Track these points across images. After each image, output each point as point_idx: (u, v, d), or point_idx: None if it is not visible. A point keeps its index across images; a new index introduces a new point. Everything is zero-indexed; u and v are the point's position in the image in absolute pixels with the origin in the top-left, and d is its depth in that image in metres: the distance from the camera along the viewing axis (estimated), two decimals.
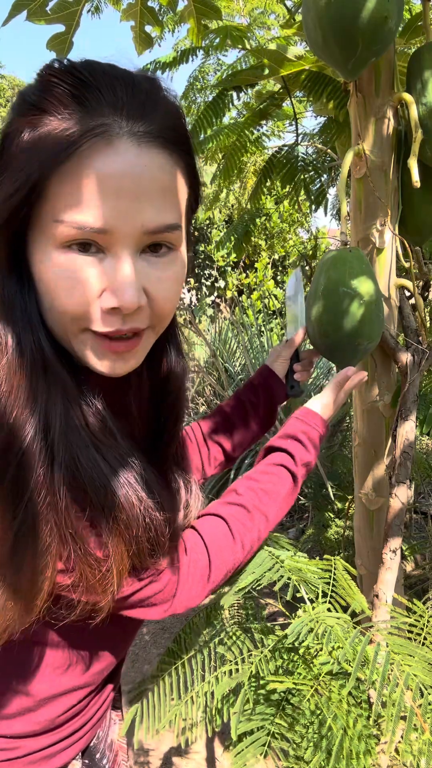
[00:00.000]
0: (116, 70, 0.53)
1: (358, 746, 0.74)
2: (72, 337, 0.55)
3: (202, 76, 2.54)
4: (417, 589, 2.12)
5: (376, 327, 0.99)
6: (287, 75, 1.55)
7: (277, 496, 0.78)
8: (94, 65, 0.52)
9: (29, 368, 0.53)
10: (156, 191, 0.52)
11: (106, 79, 0.51)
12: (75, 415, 0.55)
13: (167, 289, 0.56)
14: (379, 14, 0.86)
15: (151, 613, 0.66)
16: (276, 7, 2.42)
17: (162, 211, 0.53)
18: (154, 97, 0.53)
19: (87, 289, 0.52)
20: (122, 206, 0.50)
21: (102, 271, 0.52)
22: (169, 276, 0.56)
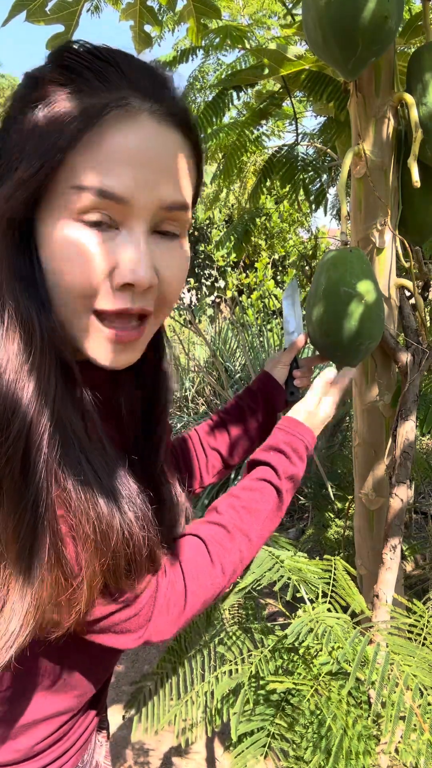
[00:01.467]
0: (130, 55, 0.54)
1: (357, 746, 0.74)
2: (76, 320, 0.54)
3: (202, 76, 2.54)
4: (417, 589, 2.12)
5: (376, 327, 0.99)
6: (287, 75, 1.55)
7: (259, 514, 0.72)
8: (112, 49, 0.53)
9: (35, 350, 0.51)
10: (174, 169, 0.53)
11: (126, 61, 0.52)
12: (69, 411, 0.53)
13: (175, 272, 0.56)
14: (379, 14, 0.86)
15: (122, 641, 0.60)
16: (276, 7, 2.42)
17: (178, 188, 0.54)
18: (170, 83, 0.55)
19: (98, 263, 0.51)
20: (143, 177, 0.51)
21: (114, 247, 0.52)
22: (176, 260, 0.57)
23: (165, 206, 0.53)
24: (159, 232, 0.55)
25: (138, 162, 0.50)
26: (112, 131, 0.50)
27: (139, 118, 0.51)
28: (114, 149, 0.50)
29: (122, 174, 0.50)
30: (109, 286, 0.52)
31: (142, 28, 1.25)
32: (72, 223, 0.51)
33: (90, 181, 0.49)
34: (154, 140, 0.51)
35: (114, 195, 0.50)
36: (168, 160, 0.53)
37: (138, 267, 0.52)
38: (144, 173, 0.51)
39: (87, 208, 0.50)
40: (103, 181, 0.49)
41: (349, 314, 0.94)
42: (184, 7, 1.25)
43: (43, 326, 0.51)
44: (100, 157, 0.49)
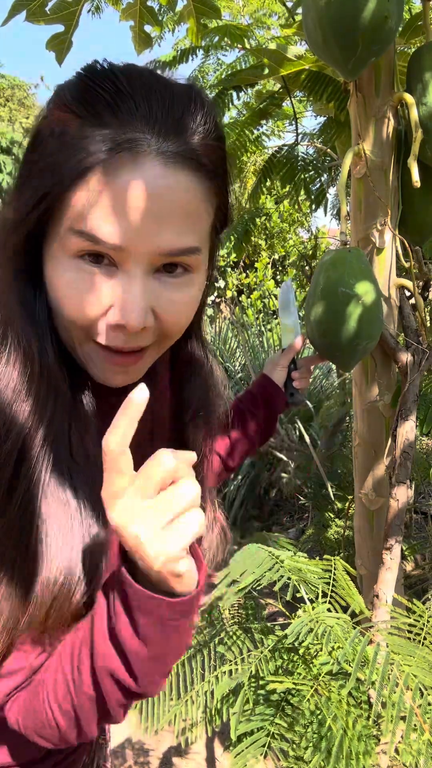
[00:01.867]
0: (156, 81, 0.51)
1: (357, 746, 0.74)
2: (77, 345, 0.55)
3: (202, 76, 2.54)
4: (417, 589, 2.12)
5: (375, 327, 0.99)
6: (287, 75, 1.55)
7: None
8: (133, 72, 0.51)
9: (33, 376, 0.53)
10: (177, 214, 0.51)
11: (144, 90, 0.50)
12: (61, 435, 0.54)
13: (177, 311, 0.55)
14: (379, 14, 0.86)
15: None
16: (276, 7, 2.42)
17: (181, 234, 0.51)
18: (191, 115, 0.51)
19: (95, 302, 0.51)
20: (140, 226, 0.49)
21: (112, 285, 0.51)
22: (181, 298, 0.55)
23: (164, 253, 0.51)
24: (166, 268, 0.53)
25: (135, 210, 0.49)
26: (116, 175, 0.48)
27: (143, 162, 0.49)
28: (114, 194, 0.48)
29: (118, 222, 0.49)
30: (105, 324, 0.53)
31: (142, 29, 1.25)
32: (72, 261, 0.51)
33: (83, 227, 0.49)
34: (157, 185, 0.49)
35: (108, 244, 0.49)
36: (170, 206, 0.50)
37: (130, 312, 0.51)
38: (141, 222, 0.49)
39: (84, 250, 0.50)
40: (95, 231, 0.49)
41: (347, 314, 0.94)
42: (184, 7, 1.25)
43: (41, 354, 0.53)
44: (96, 201, 0.48)
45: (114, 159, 0.48)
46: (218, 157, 0.54)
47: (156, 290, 0.53)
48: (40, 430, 0.52)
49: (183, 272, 0.54)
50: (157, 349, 0.58)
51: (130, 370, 0.57)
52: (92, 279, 0.51)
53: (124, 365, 0.56)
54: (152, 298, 0.53)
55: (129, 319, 0.51)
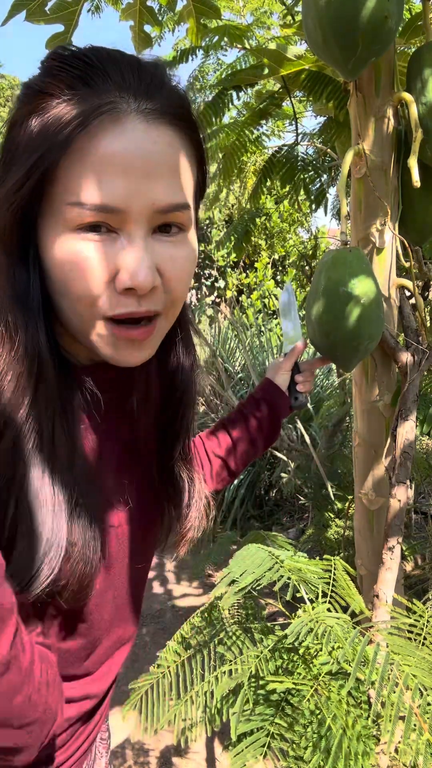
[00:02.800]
0: (122, 54, 0.53)
1: (357, 746, 0.74)
2: (89, 327, 0.55)
3: (202, 76, 2.54)
4: (417, 589, 2.12)
5: (376, 327, 0.99)
6: (287, 74, 1.55)
7: None
8: (99, 49, 0.53)
9: (25, 364, 0.53)
10: (165, 169, 0.52)
11: (112, 61, 0.51)
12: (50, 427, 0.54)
13: (180, 268, 0.56)
14: (379, 14, 0.86)
15: None
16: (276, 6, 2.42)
17: (172, 189, 0.53)
18: (160, 78, 0.54)
19: (100, 271, 0.52)
20: (132, 184, 0.50)
21: (114, 251, 0.52)
22: (180, 255, 0.56)
23: (160, 210, 0.52)
24: (162, 229, 0.55)
25: (125, 170, 0.50)
26: (100, 139, 0.49)
27: (126, 121, 0.50)
28: (102, 158, 0.49)
29: (113, 185, 0.49)
30: (114, 292, 0.53)
31: (141, 28, 1.25)
32: (71, 235, 0.51)
33: (78, 197, 0.49)
34: (142, 142, 0.50)
35: (107, 207, 0.50)
36: (158, 160, 0.51)
37: (137, 271, 0.51)
38: (133, 181, 0.50)
39: (82, 221, 0.51)
40: (96, 195, 0.49)
41: (348, 314, 0.94)
42: (183, 7, 1.25)
43: (30, 338, 0.53)
44: (86, 169, 0.49)
45: (96, 123, 0.49)
46: (189, 113, 0.56)
47: (157, 249, 0.54)
48: (20, 415, 0.52)
49: (178, 231, 0.55)
50: (165, 320, 0.59)
51: (144, 345, 0.57)
52: (94, 248, 0.51)
53: (138, 338, 0.56)
54: (155, 257, 0.53)
55: (138, 278, 0.51)
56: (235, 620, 1.17)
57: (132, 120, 0.50)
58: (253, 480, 3.50)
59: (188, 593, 2.92)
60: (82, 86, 0.50)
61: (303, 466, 2.86)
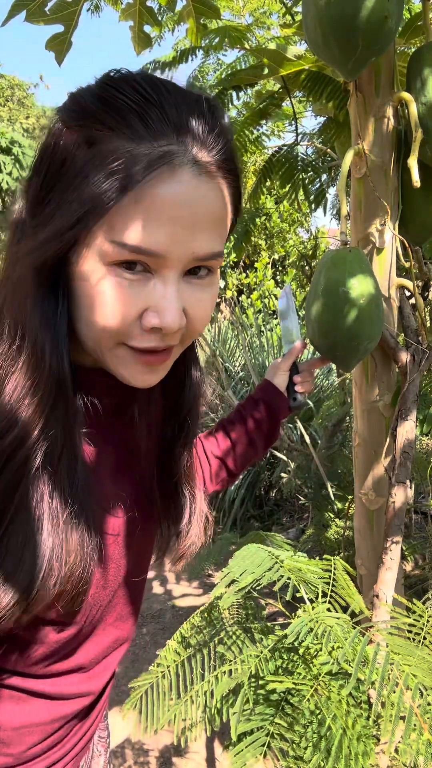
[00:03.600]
0: (175, 88, 0.52)
1: (357, 746, 0.74)
2: (106, 351, 0.56)
3: (202, 76, 2.54)
4: (417, 589, 2.12)
5: (375, 327, 0.99)
6: (287, 74, 1.55)
7: None
8: (154, 80, 0.52)
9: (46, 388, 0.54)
10: (209, 221, 0.53)
11: (170, 97, 0.51)
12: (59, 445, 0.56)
13: (204, 309, 0.57)
14: (379, 14, 0.86)
15: None
16: (275, 6, 2.42)
17: (212, 239, 0.54)
18: (217, 123, 0.53)
19: (130, 307, 0.53)
20: (178, 234, 0.51)
21: (147, 291, 0.53)
22: (207, 297, 0.57)
23: (199, 258, 0.54)
24: (191, 271, 0.56)
25: (173, 219, 0.50)
26: (152, 188, 0.49)
27: (179, 173, 0.50)
28: (153, 205, 0.49)
29: (158, 232, 0.50)
30: (139, 327, 0.54)
31: (141, 29, 1.25)
32: (107, 269, 0.52)
33: (123, 238, 0.50)
34: (193, 195, 0.51)
35: (149, 251, 0.51)
36: (204, 213, 0.52)
37: (167, 314, 0.53)
38: (179, 230, 0.51)
39: (122, 259, 0.51)
40: (140, 239, 0.50)
41: (347, 314, 0.94)
42: (183, 7, 1.25)
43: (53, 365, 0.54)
44: (138, 212, 0.50)
45: (152, 173, 0.49)
46: (237, 163, 0.56)
47: (186, 292, 0.55)
48: (34, 435, 0.53)
49: (207, 273, 0.57)
50: (181, 347, 0.61)
51: (159, 369, 0.59)
52: (128, 285, 0.52)
53: (154, 364, 0.58)
54: (184, 300, 0.55)
55: (166, 321, 0.53)
56: (235, 620, 1.17)
57: (186, 172, 0.50)
58: (253, 480, 3.50)
59: (188, 593, 2.92)
60: (140, 124, 0.49)
61: (303, 466, 2.86)
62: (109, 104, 0.50)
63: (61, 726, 0.69)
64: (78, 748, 0.73)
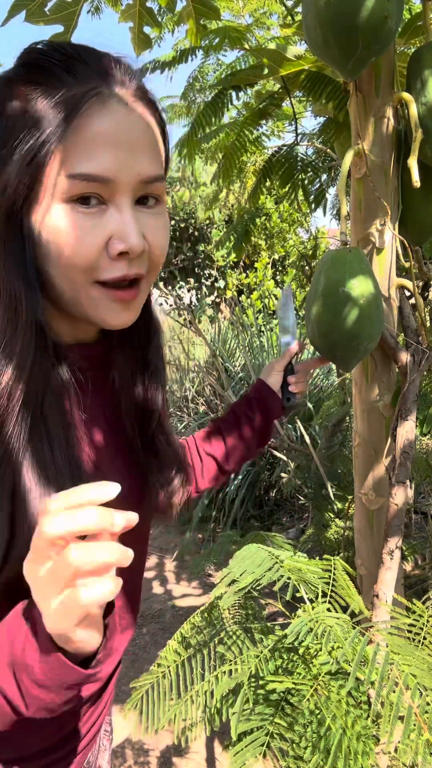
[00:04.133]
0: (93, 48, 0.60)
1: (356, 746, 0.74)
2: (81, 292, 0.60)
3: (202, 76, 2.54)
4: (417, 589, 2.12)
5: (375, 327, 0.99)
6: (287, 75, 1.55)
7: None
8: (71, 43, 0.60)
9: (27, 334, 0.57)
10: (146, 144, 0.59)
11: (89, 53, 0.58)
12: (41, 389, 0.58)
13: (161, 236, 0.63)
14: (379, 14, 0.86)
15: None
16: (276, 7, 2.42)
17: (153, 162, 0.60)
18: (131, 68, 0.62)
19: (94, 238, 0.57)
20: (121, 157, 0.57)
21: (105, 220, 0.58)
22: (160, 223, 0.63)
23: (144, 180, 0.59)
24: (141, 202, 0.61)
25: (115, 144, 0.56)
26: (90, 119, 0.55)
27: (109, 104, 0.57)
28: (93, 136, 0.55)
29: (104, 158, 0.56)
30: (107, 258, 0.59)
31: (141, 30, 1.25)
32: (65, 206, 0.56)
33: (77, 168, 0.55)
34: (125, 122, 0.57)
35: (99, 177, 0.56)
36: (140, 138, 0.58)
37: (129, 236, 0.58)
38: (121, 153, 0.57)
39: (76, 192, 0.56)
40: (89, 167, 0.55)
41: (347, 315, 0.94)
42: (183, 8, 1.25)
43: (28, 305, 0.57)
44: (82, 144, 0.55)
45: (86, 107, 0.55)
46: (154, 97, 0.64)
47: (141, 218, 0.60)
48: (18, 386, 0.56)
49: (155, 203, 0.63)
50: (147, 282, 0.65)
51: (132, 306, 0.63)
52: (87, 218, 0.57)
53: (127, 301, 0.62)
54: (140, 225, 0.60)
55: (130, 242, 0.58)
56: (235, 620, 1.17)
57: (115, 103, 0.57)
58: (253, 480, 3.50)
59: (188, 593, 2.92)
60: (68, 76, 0.56)
61: (303, 466, 2.86)
62: (35, 66, 0.57)
63: (69, 720, 0.70)
64: (85, 740, 0.74)
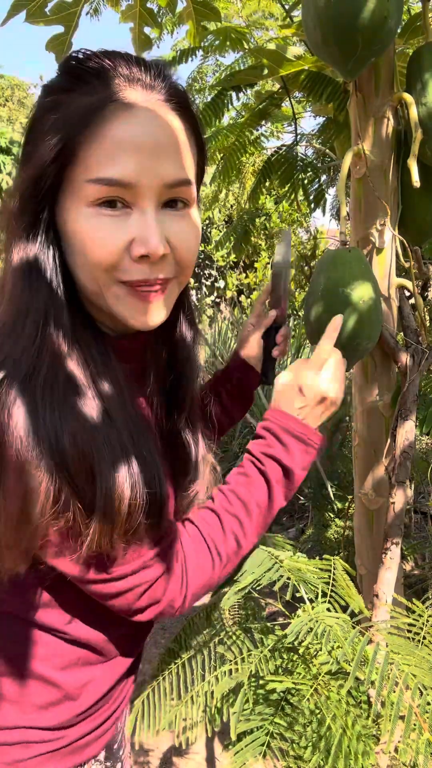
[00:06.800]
0: (128, 54, 0.61)
1: (356, 746, 0.74)
2: (106, 291, 0.61)
3: (201, 77, 2.54)
4: (417, 589, 2.12)
5: (375, 327, 0.99)
6: (286, 75, 1.55)
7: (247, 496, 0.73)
8: (108, 51, 0.61)
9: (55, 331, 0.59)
10: (171, 149, 0.60)
11: (123, 61, 0.59)
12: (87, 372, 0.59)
13: (187, 239, 0.63)
14: (379, 14, 0.86)
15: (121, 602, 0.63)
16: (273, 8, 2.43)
17: (177, 167, 0.60)
18: (162, 72, 0.62)
19: (117, 239, 0.58)
20: (143, 162, 0.57)
21: (129, 223, 0.59)
22: (186, 226, 0.63)
23: (168, 184, 0.59)
24: (168, 205, 0.62)
25: (137, 149, 0.57)
26: (113, 124, 0.57)
27: (134, 108, 0.57)
28: (116, 141, 0.57)
29: (126, 162, 0.57)
30: (129, 259, 0.60)
31: (141, 30, 1.26)
32: (90, 209, 0.58)
33: (96, 174, 0.57)
34: (150, 126, 0.58)
35: (121, 182, 0.57)
36: (164, 142, 0.59)
37: (149, 239, 0.58)
38: (144, 159, 0.57)
39: (100, 197, 0.58)
40: (111, 172, 0.57)
41: (347, 315, 0.94)
42: (183, 8, 1.26)
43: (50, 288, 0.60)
44: (105, 149, 0.56)
45: (110, 110, 0.57)
46: (188, 101, 0.64)
47: (165, 222, 0.61)
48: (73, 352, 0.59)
49: (183, 206, 0.63)
50: (176, 283, 0.66)
51: (157, 306, 0.63)
52: (111, 221, 0.59)
53: (150, 299, 0.62)
54: (165, 229, 0.60)
55: (150, 246, 0.58)
56: (235, 620, 1.17)
57: (139, 108, 0.58)
58: None
59: None
60: (95, 80, 0.57)
61: None
62: (69, 73, 0.59)
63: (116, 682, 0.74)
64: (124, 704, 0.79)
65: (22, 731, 0.67)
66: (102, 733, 0.74)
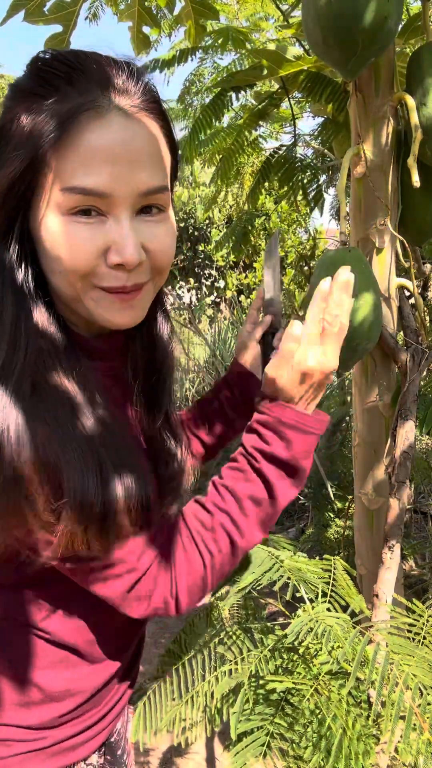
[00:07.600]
0: (99, 55, 0.60)
1: (357, 746, 0.74)
2: (83, 296, 0.61)
3: (198, 79, 2.54)
4: (417, 589, 2.12)
5: (374, 328, 0.99)
6: (286, 75, 1.55)
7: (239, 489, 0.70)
8: (78, 52, 0.59)
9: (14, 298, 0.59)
10: (145, 157, 0.59)
11: (91, 62, 0.58)
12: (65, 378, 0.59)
13: (163, 243, 0.63)
14: (379, 14, 0.86)
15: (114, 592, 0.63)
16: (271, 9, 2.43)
17: (152, 174, 0.59)
18: (135, 76, 0.61)
19: (92, 247, 0.58)
20: (117, 171, 0.57)
21: (104, 231, 0.58)
22: (162, 231, 0.63)
23: (142, 193, 0.59)
24: (144, 211, 0.61)
25: (111, 159, 0.56)
26: (86, 132, 0.56)
27: (108, 116, 0.56)
28: (90, 149, 0.56)
29: (100, 172, 0.56)
30: (105, 265, 0.59)
31: (140, 30, 1.26)
32: (65, 218, 0.57)
33: (70, 183, 0.56)
34: (124, 134, 0.57)
35: (95, 192, 0.56)
36: (138, 150, 0.58)
37: (125, 248, 0.58)
38: (118, 168, 0.57)
39: (74, 205, 0.57)
40: (85, 181, 0.56)
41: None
42: (182, 9, 1.26)
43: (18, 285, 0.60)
44: (78, 158, 0.56)
45: (82, 119, 0.55)
46: (161, 107, 0.63)
47: (141, 228, 0.61)
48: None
49: (158, 212, 0.63)
50: (152, 286, 0.65)
51: (134, 305, 0.64)
52: (86, 228, 0.58)
53: (128, 300, 0.62)
54: (140, 236, 0.60)
55: (125, 255, 0.58)
56: (235, 620, 1.17)
57: (113, 115, 0.57)
58: None
59: None
60: (67, 86, 0.56)
61: None
62: (39, 78, 0.57)
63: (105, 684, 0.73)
64: (117, 708, 0.78)
65: (2, 729, 0.68)
66: (92, 736, 0.74)
